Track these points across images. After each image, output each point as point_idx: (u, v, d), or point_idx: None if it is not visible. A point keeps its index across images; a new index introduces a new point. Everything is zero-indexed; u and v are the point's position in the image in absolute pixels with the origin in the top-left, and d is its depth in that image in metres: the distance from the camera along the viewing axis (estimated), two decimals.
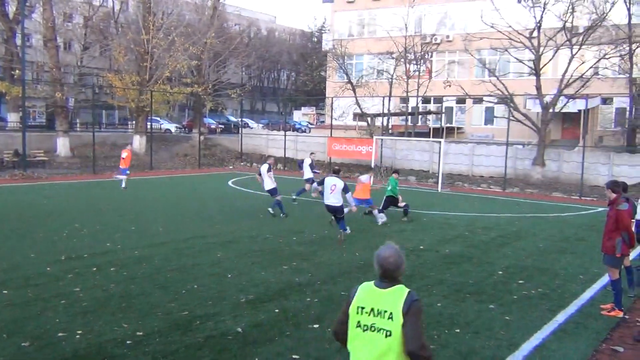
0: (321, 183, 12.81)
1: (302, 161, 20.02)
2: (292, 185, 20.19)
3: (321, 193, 12.92)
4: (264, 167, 15.62)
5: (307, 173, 19.07)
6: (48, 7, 30.47)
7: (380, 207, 15.28)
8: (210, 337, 6.61)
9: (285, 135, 34.73)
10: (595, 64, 27.35)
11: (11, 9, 35.33)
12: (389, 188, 15.65)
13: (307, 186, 18.35)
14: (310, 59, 67.70)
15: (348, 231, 12.76)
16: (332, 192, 12.23)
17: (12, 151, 27.70)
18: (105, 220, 14.04)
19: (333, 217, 12.97)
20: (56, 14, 33.30)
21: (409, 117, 36.99)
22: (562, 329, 7.26)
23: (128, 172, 21.33)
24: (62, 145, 30.93)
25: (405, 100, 36.11)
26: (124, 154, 21.21)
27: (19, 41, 31.34)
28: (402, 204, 15.66)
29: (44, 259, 9.99)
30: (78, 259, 10.11)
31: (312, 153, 20.95)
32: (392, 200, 15.50)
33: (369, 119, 34.53)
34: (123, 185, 20.67)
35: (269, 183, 15.50)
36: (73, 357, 5.95)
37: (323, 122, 53.51)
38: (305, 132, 49.21)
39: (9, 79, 32.25)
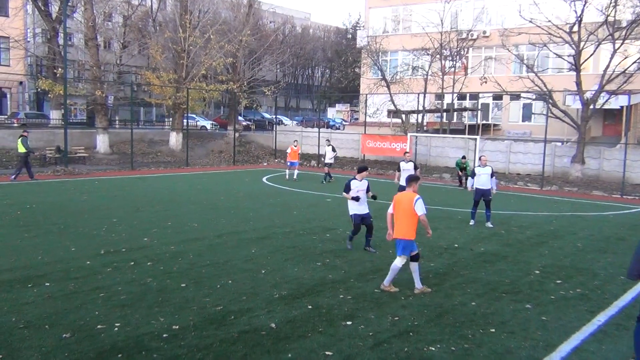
0: (473, 175, 15.78)
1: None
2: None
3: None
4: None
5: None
6: (89, 6, 31.28)
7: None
8: (244, 332, 6.68)
9: (319, 132, 34.77)
10: (639, 58, 26.51)
11: (54, 9, 36.40)
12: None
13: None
14: (344, 56, 67.71)
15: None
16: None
17: (54, 148, 28.52)
18: (142, 215, 14.32)
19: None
20: (97, 14, 34.12)
21: (444, 114, 36.57)
22: (602, 331, 7.08)
23: None
24: (102, 141, 31.70)
25: (440, 97, 35.74)
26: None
27: (61, 40, 32.23)
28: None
29: (83, 252, 10.26)
30: (116, 253, 10.34)
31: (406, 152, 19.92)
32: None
33: (403, 115, 34.30)
34: None
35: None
36: (111, 349, 6.09)
37: (357, 119, 53.42)
38: (339, 129, 49.18)
39: (52, 78, 33.18)
